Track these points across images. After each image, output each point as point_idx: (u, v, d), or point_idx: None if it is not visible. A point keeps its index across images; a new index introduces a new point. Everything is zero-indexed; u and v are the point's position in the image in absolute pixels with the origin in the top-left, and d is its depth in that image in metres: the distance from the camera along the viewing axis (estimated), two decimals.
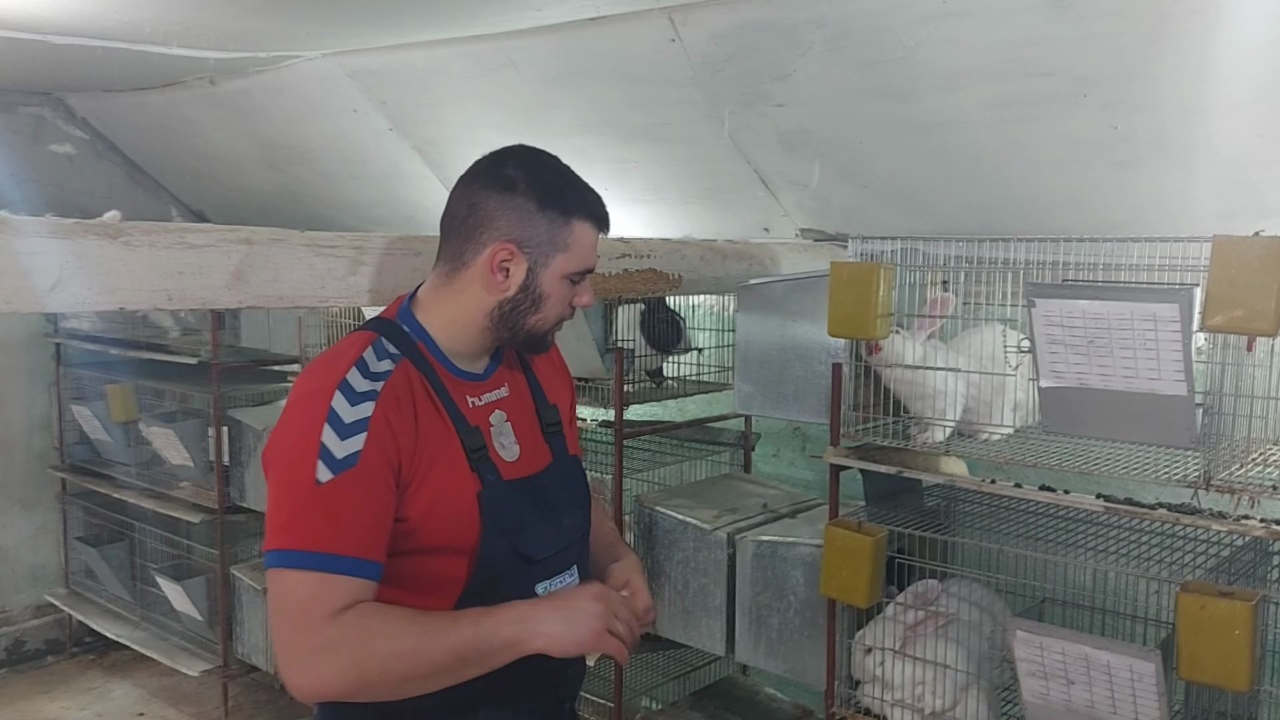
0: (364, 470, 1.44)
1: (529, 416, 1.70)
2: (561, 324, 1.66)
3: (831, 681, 2.35)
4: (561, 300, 1.61)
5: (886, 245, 2.24)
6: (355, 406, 1.46)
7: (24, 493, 4.94)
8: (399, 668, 1.41)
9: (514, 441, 1.64)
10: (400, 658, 1.40)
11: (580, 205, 1.59)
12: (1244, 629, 1.72)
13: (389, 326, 1.60)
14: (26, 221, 1.61)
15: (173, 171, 5.18)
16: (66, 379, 4.87)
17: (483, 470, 1.56)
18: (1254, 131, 2.22)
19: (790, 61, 2.62)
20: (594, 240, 1.61)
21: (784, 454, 3.60)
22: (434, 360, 1.59)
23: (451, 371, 1.60)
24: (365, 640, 1.40)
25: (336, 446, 1.44)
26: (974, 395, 2.20)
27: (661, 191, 3.45)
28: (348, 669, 1.39)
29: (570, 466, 1.75)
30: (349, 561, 1.42)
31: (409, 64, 3.39)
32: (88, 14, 2.97)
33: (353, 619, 1.40)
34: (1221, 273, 1.71)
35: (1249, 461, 1.91)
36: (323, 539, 1.42)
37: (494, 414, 1.63)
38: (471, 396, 1.61)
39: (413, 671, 1.42)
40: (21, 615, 4.93)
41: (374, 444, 1.45)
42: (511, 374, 1.71)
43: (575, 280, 1.61)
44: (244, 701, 4.41)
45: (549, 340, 1.69)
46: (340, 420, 1.45)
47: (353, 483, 1.43)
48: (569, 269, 1.59)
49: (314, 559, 1.41)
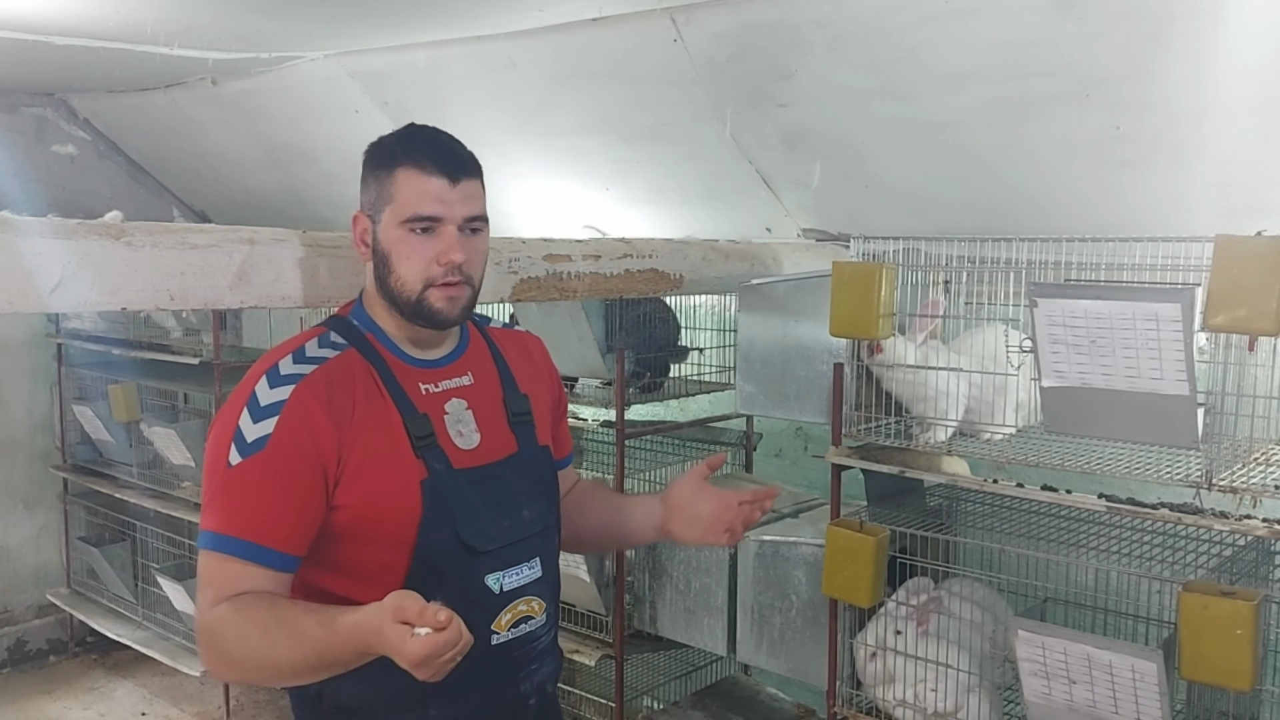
0: (272, 454, 1.44)
1: (494, 405, 1.67)
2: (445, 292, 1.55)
3: (833, 681, 2.35)
4: (409, 256, 1.54)
5: (888, 245, 2.24)
6: (273, 389, 1.48)
7: (26, 493, 4.94)
8: (254, 668, 1.45)
9: (474, 429, 1.62)
10: (251, 660, 1.42)
11: (403, 154, 1.55)
12: (1246, 629, 1.72)
13: (339, 321, 1.63)
14: (29, 222, 1.61)
15: (175, 172, 5.19)
16: (68, 379, 4.87)
17: (429, 457, 1.54)
18: (1256, 132, 2.22)
19: (792, 61, 2.62)
20: (424, 185, 1.53)
21: (786, 454, 3.60)
22: (383, 350, 1.59)
23: (403, 360, 1.60)
24: (224, 638, 1.42)
25: (249, 430, 1.45)
26: (976, 395, 2.20)
27: (663, 191, 3.45)
28: (217, 660, 1.45)
29: (537, 457, 1.70)
30: (243, 545, 1.43)
31: (411, 65, 3.39)
32: (90, 15, 2.97)
33: (220, 614, 1.42)
34: (1223, 272, 1.71)
35: (1251, 461, 1.91)
36: (224, 522, 1.44)
37: (451, 401, 1.61)
38: (426, 384, 1.60)
39: (268, 674, 1.46)
40: (24, 615, 4.93)
41: (285, 428, 1.45)
42: (478, 362, 1.70)
43: (418, 230, 1.53)
44: (245, 701, 4.41)
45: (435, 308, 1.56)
46: (257, 404, 1.47)
47: (258, 467, 1.44)
48: (399, 218, 1.54)
49: (214, 540, 1.44)
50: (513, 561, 1.61)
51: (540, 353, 1.86)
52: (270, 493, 1.44)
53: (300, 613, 1.41)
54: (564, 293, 2.32)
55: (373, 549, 1.51)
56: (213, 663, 1.45)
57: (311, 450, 1.46)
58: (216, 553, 1.44)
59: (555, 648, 1.74)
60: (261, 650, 1.40)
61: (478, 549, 1.56)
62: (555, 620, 1.72)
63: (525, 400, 1.71)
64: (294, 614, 1.41)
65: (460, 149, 1.60)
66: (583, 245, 2.42)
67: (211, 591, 1.44)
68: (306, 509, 1.47)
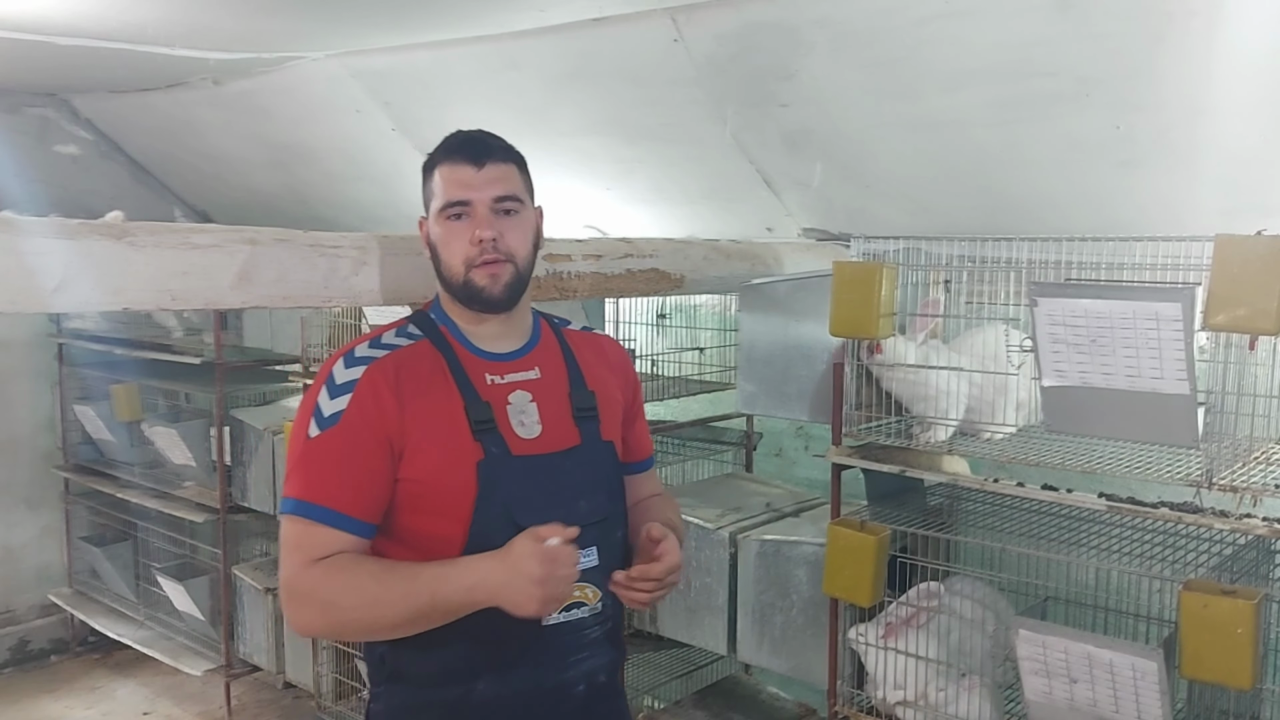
0: (345, 429, 1.57)
1: (560, 399, 1.74)
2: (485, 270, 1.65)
3: (834, 680, 2.35)
4: (451, 240, 1.67)
5: (889, 245, 2.25)
6: (348, 370, 1.61)
7: (28, 492, 4.95)
8: (361, 618, 1.55)
9: (536, 421, 1.69)
10: (361, 610, 1.53)
11: (440, 154, 1.70)
12: (1246, 627, 1.73)
13: (420, 315, 1.76)
14: (32, 222, 1.62)
15: (177, 172, 5.19)
16: (70, 379, 4.88)
17: (486, 441, 1.62)
18: (1256, 131, 2.22)
19: (794, 61, 2.62)
20: (454, 175, 1.66)
21: (787, 453, 3.60)
22: (454, 341, 1.70)
23: (472, 351, 1.70)
24: (332, 592, 1.53)
25: (326, 406, 1.59)
26: (976, 395, 2.20)
27: (665, 191, 3.45)
28: (319, 615, 1.57)
29: (600, 451, 1.75)
30: (326, 513, 1.55)
31: (413, 65, 3.39)
32: (92, 15, 2.98)
33: (322, 571, 1.53)
34: (1224, 272, 1.71)
35: (1251, 460, 1.91)
36: (306, 489, 1.57)
37: (515, 393, 1.70)
38: (492, 375, 1.69)
39: (374, 622, 1.56)
40: (26, 615, 4.94)
41: (356, 405, 1.58)
42: (547, 359, 1.77)
43: (453, 216, 1.66)
44: (247, 701, 4.41)
45: (480, 286, 1.66)
46: (334, 383, 1.61)
47: (334, 439, 1.57)
48: (437, 210, 1.68)
49: (299, 507, 1.56)
50: None
51: (617, 355, 1.90)
52: (344, 463, 1.57)
53: (409, 563, 1.57)
54: (564, 292, 2.32)
55: (432, 521, 1.61)
56: (310, 616, 1.58)
57: (379, 425, 1.58)
58: (300, 518, 1.56)
59: (612, 640, 1.76)
60: (375, 593, 1.52)
61: None
62: (614, 613, 1.73)
63: (592, 397, 1.77)
64: (404, 562, 1.57)
65: (489, 139, 1.72)
66: (583, 245, 2.42)
67: (300, 554, 1.55)
68: (376, 479, 1.59)
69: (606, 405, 1.78)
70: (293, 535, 1.57)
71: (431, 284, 1.76)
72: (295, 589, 1.56)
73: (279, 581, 1.60)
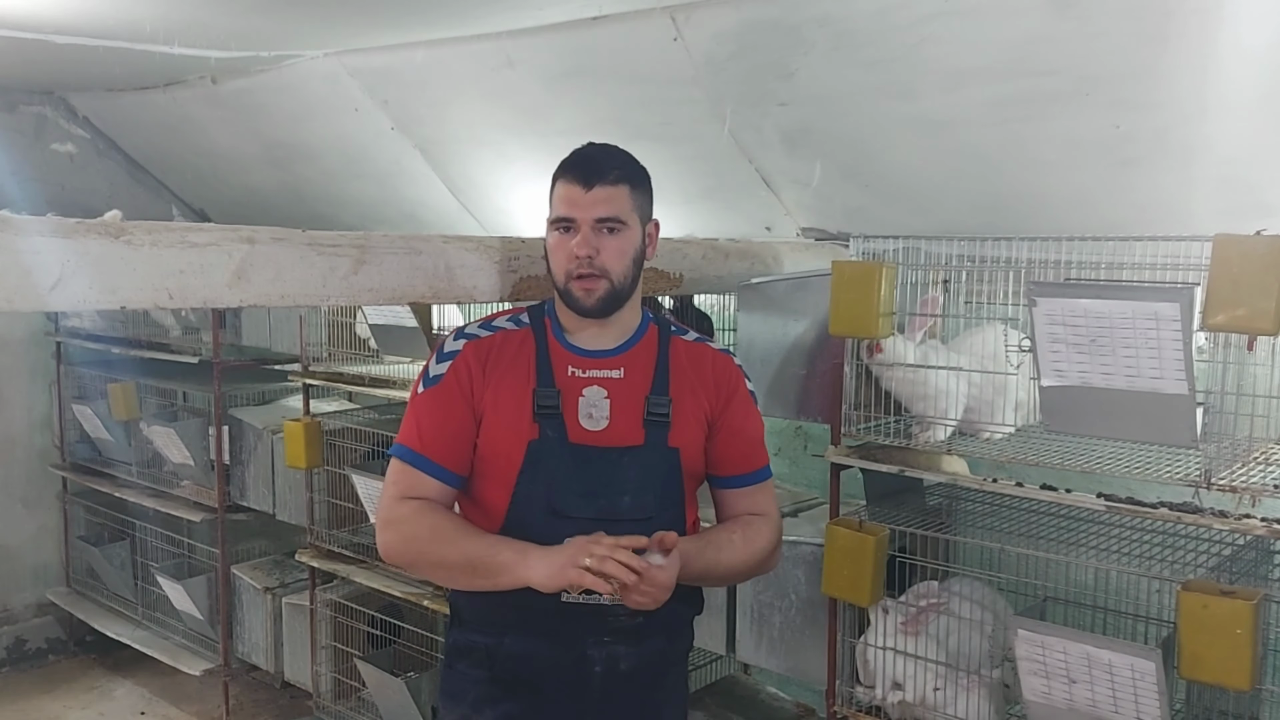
0: (442, 389, 1.84)
1: (635, 401, 1.86)
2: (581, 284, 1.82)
3: (833, 680, 2.35)
4: (557, 250, 1.84)
5: (889, 244, 2.24)
6: (455, 342, 1.88)
7: (25, 491, 4.94)
8: (433, 555, 1.80)
9: (605, 415, 1.84)
10: (434, 548, 1.79)
11: (560, 169, 1.86)
12: (1245, 628, 1.72)
13: (535, 306, 1.96)
14: (28, 220, 1.61)
15: (175, 170, 5.19)
16: (68, 378, 4.87)
17: (545, 425, 1.81)
18: (1256, 131, 2.22)
19: (793, 60, 2.62)
20: (565, 192, 1.83)
21: (785, 453, 3.59)
22: (551, 335, 1.89)
23: (563, 345, 1.88)
24: (417, 528, 1.79)
25: (433, 369, 1.86)
26: (975, 394, 2.20)
27: (663, 190, 3.42)
28: (399, 544, 1.81)
29: (663, 455, 1.85)
30: (422, 459, 1.82)
31: (411, 63, 3.39)
32: (89, 13, 2.97)
33: (413, 508, 1.80)
34: (1223, 272, 1.71)
35: (1250, 460, 1.91)
36: (409, 436, 1.84)
37: (591, 387, 1.85)
38: (574, 367, 1.86)
39: (440, 561, 1.80)
40: (23, 614, 4.93)
41: (453, 372, 1.84)
42: (638, 361, 1.89)
43: (561, 229, 1.84)
44: (245, 701, 4.41)
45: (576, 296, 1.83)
46: (442, 351, 1.88)
47: (434, 397, 1.84)
48: (550, 220, 1.86)
49: (401, 450, 1.84)
50: None
51: (720, 369, 1.95)
52: (443, 421, 1.83)
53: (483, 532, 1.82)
54: None
55: (486, 486, 1.85)
56: (396, 542, 1.81)
57: (468, 391, 1.84)
58: (401, 461, 1.84)
59: (648, 634, 1.86)
60: (450, 537, 1.78)
61: (563, 512, 1.79)
62: (656, 611, 1.74)
63: (667, 403, 1.87)
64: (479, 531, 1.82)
65: (606, 160, 1.86)
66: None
67: (397, 489, 1.83)
68: (462, 437, 1.84)
69: (683, 413, 1.88)
70: (394, 472, 1.84)
71: (431, 284, 1.92)
72: (388, 517, 1.81)
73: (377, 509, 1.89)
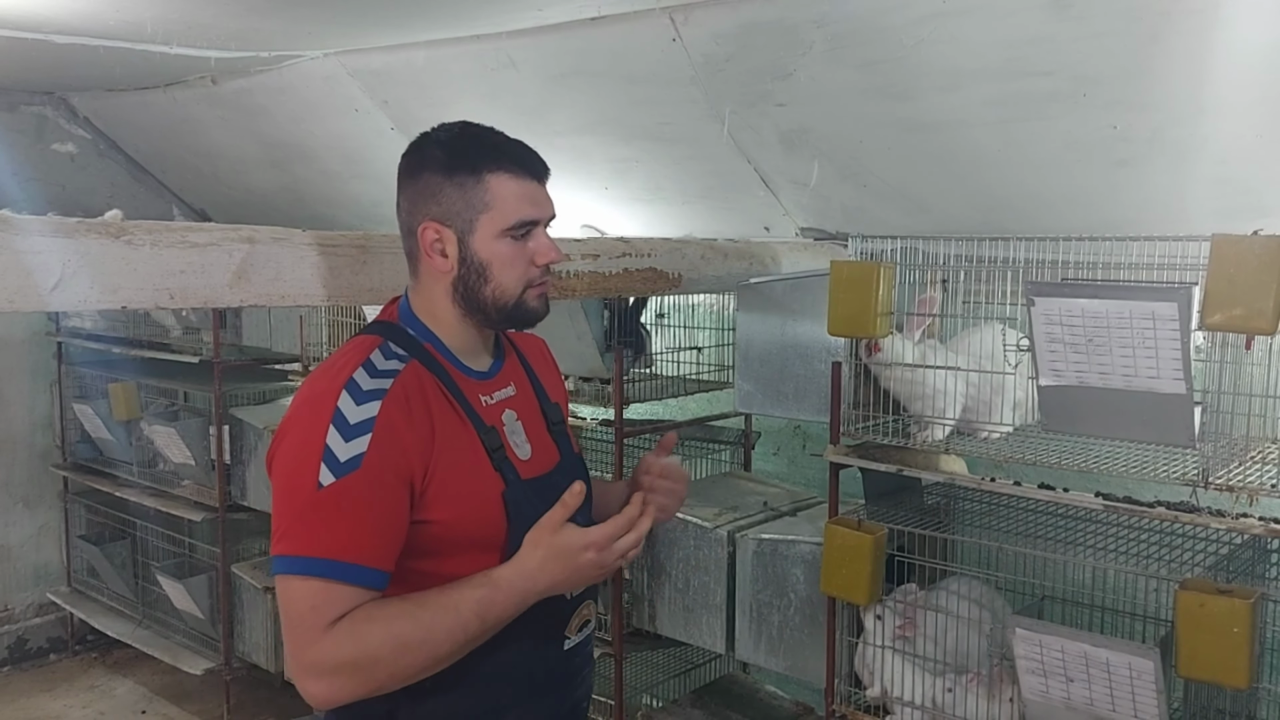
0: (367, 474, 1.39)
1: (535, 415, 1.67)
2: (539, 290, 1.58)
3: (832, 679, 2.36)
4: (512, 262, 1.53)
5: (887, 244, 2.25)
6: (361, 406, 1.42)
7: (26, 491, 4.95)
8: (404, 667, 1.40)
9: (525, 440, 1.61)
10: (404, 658, 1.39)
11: (489, 158, 1.52)
12: (1243, 626, 1.73)
13: (393, 330, 1.57)
14: (29, 220, 1.61)
15: (175, 170, 5.19)
16: (68, 377, 4.88)
17: (504, 470, 1.53)
18: (1253, 131, 2.22)
19: (791, 61, 2.62)
20: (521, 190, 1.53)
21: (784, 452, 3.60)
22: (444, 361, 1.55)
23: (462, 371, 1.57)
24: (366, 648, 1.37)
25: (340, 448, 1.39)
26: (974, 394, 2.20)
27: (662, 191, 3.45)
28: (352, 682, 1.38)
29: (576, 464, 1.71)
30: (350, 569, 1.38)
31: (410, 63, 3.39)
32: (90, 13, 2.97)
33: (345, 631, 1.37)
34: (1220, 271, 1.72)
35: (1247, 459, 1.91)
36: (324, 545, 1.38)
37: (505, 413, 1.60)
38: (484, 395, 1.58)
39: (419, 667, 1.41)
40: (24, 613, 4.94)
41: (377, 447, 1.40)
42: (515, 373, 1.69)
43: (518, 236, 1.53)
44: (246, 700, 4.41)
45: (532, 308, 1.58)
46: (345, 421, 1.40)
47: (356, 486, 1.38)
48: (499, 226, 1.52)
49: (315, 565, 1.37)
50: None
51: (549, 355, 1.86)
52: (372, 513, 1.40)
53: (436, 590, 1.43)
54: (562, 292, 2.32)
55: (459, 561, 1.48)
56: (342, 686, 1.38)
57: (404, 467, 1.43)
58: (315, 578, 1.37)
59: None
60: (416, 634, 1.38)
61: None
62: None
63: (558, 409, 1.72)
64: (431, 593, 1.42)
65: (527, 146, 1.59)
66: (581, 244, 2.42)
67: (316, 618, 1.37)
68: (398, 525, 1.43)
69: (565, 414, 1.74)
70: (304, 598, 1.37)
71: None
72: (318, 662, 1.37)
73: (288, 658, 1.40)
